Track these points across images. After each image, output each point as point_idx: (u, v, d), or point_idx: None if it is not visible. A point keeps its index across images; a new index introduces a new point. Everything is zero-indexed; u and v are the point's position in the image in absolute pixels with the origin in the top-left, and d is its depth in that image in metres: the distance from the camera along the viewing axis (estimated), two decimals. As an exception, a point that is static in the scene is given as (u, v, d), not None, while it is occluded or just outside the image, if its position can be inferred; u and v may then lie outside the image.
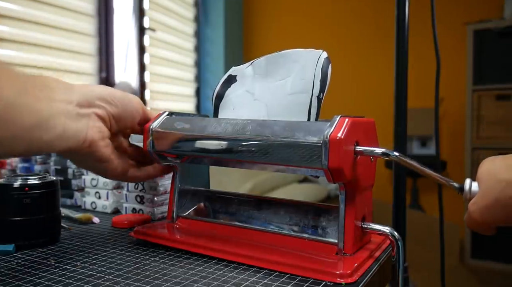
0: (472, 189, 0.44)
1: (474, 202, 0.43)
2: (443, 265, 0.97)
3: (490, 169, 0.43)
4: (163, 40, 2.70)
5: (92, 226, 0.62)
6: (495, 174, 0.42)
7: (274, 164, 0.45)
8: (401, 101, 0.95)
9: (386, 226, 0.45)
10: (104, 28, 2.21)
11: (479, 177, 0.44)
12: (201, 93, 3.10)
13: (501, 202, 0.41)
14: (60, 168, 0.77)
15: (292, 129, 0.43)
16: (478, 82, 2.41)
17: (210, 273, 0.43)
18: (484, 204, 0.42)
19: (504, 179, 0.41)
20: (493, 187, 0.41)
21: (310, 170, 0.43)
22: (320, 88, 0.47)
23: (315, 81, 0.47)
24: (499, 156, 0.44)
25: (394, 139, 0.96)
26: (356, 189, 0.44)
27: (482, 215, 0.42)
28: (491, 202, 0.41)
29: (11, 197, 0.50)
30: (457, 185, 0.46)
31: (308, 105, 0.47)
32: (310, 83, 0.47)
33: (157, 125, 0.52)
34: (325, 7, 3.08)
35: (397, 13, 0.94)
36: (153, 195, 0.65)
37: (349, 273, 0.40)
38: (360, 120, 0.43)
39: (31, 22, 1.78)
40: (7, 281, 0.41)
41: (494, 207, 0.41)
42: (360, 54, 2.96)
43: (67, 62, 1.98)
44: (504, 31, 2.33)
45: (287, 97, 0.49)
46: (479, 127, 2.41)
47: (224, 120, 0.49)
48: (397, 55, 0.95)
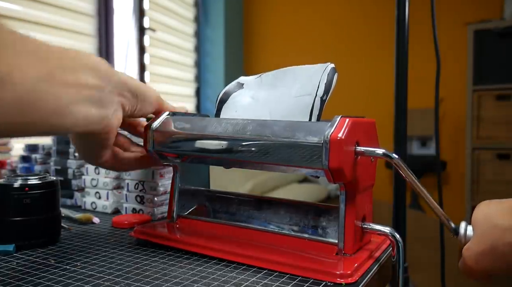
0: (467, 233, 0.42)
1: (468, 248, 0.41)
2: (443, 265, 0.97)
3: (486, 213, 0.40)
4: (163, 40, 2.70)
5: (92, 226, 0.62)
6: (491, 219, 0.39)
7: (274, 164, 0.45)
8: (401, 102, 0.95)
9: (386, 226, 0.45)
10: (104, 28, 2.21)
11: (474, 221, 0.41)
12: (201, 93, 3.10)
13: (498, 249, 0.38)
14: (60, 168, 0.77)
15: (293, 129, 0.43)
16: (478, 82, 2.41)
17: (210, 273, 0.43)
18: (479, 250, 0.39)
19: (502, 225, 0.38)
20: (489, 233, 0.39)
21: (310, 170, 0.43)
22: (324, 90, 0.47)
23: (320, 84, 0.47)
24: (495, 200, 0.42)
25: (394, 139, 0.96)
26: (356, 189, 0.44)
27: (478, 262, 0.40)
28: (487, 248, 0.39)
29: (11, 197, 0.50)
30: (452, 226, 0.44)
31: (311, 106, 0.47)
32: (315, 86, 0.48)
33: (158, 125, 0.52)
34: (325, 7, 3.08)
35: (397, 13, 0.94)
36: (153, 195, 0.65)
37: (349, 273, 0.40)
38: (360, 121, 0.43)
39: (31, 22, 1.78)
40: (7, 281, 0.41)
41: (491, 254, 0.38)
42: (360, 54, 2.96)
43: (67, 62, 1.98)
44: (504, 31, 2.33)
45: (291, 99, 0.49)
46: (479, 127, 2.41)
47: (224, 120, 0.49)
48: (397, 55, 0.95)
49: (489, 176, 2.38)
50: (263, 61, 3.24)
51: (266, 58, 3.23)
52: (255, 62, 3.28)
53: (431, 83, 1.03)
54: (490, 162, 2.39)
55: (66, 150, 0.77)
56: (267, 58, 3.23)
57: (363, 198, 0.46)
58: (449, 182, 2.71)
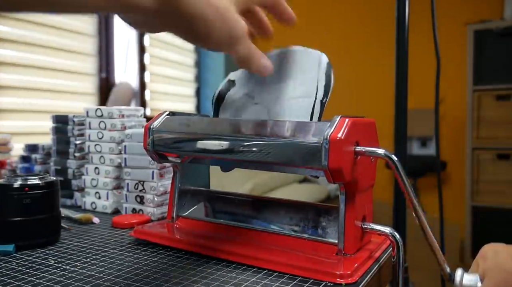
0: (464, 282, 0.41)
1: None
2: (443, 265, 0.97)
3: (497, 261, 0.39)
4: (163, 40, 2.70)
5: (92, 226, 0.62)
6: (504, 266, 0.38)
7: (274, 164, 0.45)
8: (401, 102, 0.95)
9: (386, 226, 0.45)
10: (104, 28, 2.21)
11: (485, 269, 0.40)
12: (201, 94, 3.09)
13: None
14: (60, 168, 0.77)
15: (292, 129, 0.43)
16: (478, 82, 2.41)
17: (210, 273, 0.43)
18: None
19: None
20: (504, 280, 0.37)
21: (310, 170, 0.43)
22: (324, 92, 0.47)
23: (319, 85, 0.47)
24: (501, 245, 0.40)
25: (394, 139, 0.96)
26: (356, 189, 0.44)
27: None
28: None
29: (11, 197, 0.50)
30: (447, 271, 0.43)
31: (311, 109, 0.47)
32: (313, 88, 0.47)
33: (158, 125, 0.52)
34: (326, 7, 3.08)
35: (397, 13, 0.94)
36: (153, 195, 0.65)
37: (349, 273, 0.40)
38: (360, 121, 0.43)
39: (31, 22, 1.78)
40: (7, 281, 0.41)
41: None
42: (361, 54, 2.96)
43: (67, 62, 1.98)
44: (504, 31, 2.33)
45: (289, 101, 0.49)
46: (479, 128, 2.41)
47: (224, 120, 0.49)
48: (397, 56, 0.95)
49: (489, 176, 2.38)
50: (263, 61, 3.24)
51: (266, 58, 3.23)
52: (255, 62, 3.28)
53: (431, 83, 1.03)
54: (490, 162, 2.39)
55: (66, 150, 0.77)
56: (267, 58, 3.22)
57: (363, 198, 0.46)
58: (449, 182, 2.71)
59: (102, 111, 0.72)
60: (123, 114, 0.73)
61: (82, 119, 0.76)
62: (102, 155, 0.72)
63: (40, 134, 1.79)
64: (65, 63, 1.98)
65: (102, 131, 0.72)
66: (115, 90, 2.26)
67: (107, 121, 0.72)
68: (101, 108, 0.73)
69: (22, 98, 1.78)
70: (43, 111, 1.86)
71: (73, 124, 0.77)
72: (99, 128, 0.73)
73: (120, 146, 0.71)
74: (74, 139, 0.76)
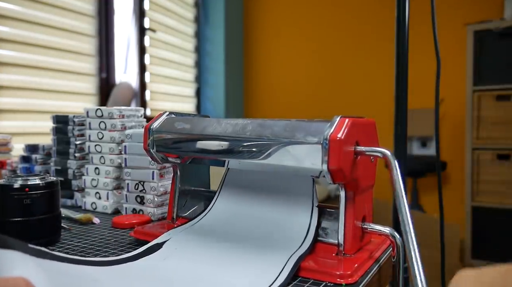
0: None
1: None
2: (443, 265, 0.97)
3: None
4: (163, 40, 2.70)
5: (92, 226, 0.62)
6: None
7: (274, 164, 0.45)
8: (401, 102, 0.95)
9: (386, 226, 0.45)
10: (104, 28, 2.21)
11: None
12: (201, 94, 3.09)
13: None
14: (60, 169, 0.77)
15: (292, 129, 0.43)
16: (478, 82, 2.41)
17: (210, 273, 0.42)
18: None
19: None
20: None
21: (310, 170, 0.43)
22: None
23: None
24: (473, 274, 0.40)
25: (394, 139, 0.96)
26: (356, 189, 0.44)
27: None
28: None
29: (12, 198, 0.50)
30: None
31: None
32: None
33: (158, 125, 0.52)
34: (325, 7, 3.08)
35: (397, 13, 0.94)
36: (153, 196, 0.65)
37: (349, 273, 0.40)
38: (360, 121, 0.43)
39: (31, 22, 1.78)
40: (8, 281, 0.41)
41: None
42: (361, 54, 2.96)
43: (67, 63, 1.98)
44: (504, 31, 2.33)
45: None
46: (479, 128, 2.41)
47: (224, 120, 0.49)
48: (397, 56, 0.95)
49: (489, 176, 2.38)
50: (263, 61, 3.24)
51: (266, 58, 3.23)
52: (255, 62, 3.28)
53: (431, 83, 1.03)
54: (490, 162, 2.39)
55: (66, 150, 0.77)
56: (267, 58, 3.23)
57: (363, 198, 0.46)
58: (449, 182, 2.71)
59: (102, 112, 0.72)
60: (123, 115, 0.73)
61: (82, 119, 0.76)
62: (102, 155, 0.72)
63: (40, 135, 1.80)
64: (65, 64, 1.98)
65: (102, 132, 0.72)
66: (115, 91, 2.26)
67: (107, 121, 0.72)
68: (101, 109, 0.73)
69: (23, 99, 1.78)
70: (43, 111, 1.86)
71: (73, 124, 0.77)
72: (99, 129, 0.73)
73: (120, 146, 0.71)
74: (74, 140, 0.76)
